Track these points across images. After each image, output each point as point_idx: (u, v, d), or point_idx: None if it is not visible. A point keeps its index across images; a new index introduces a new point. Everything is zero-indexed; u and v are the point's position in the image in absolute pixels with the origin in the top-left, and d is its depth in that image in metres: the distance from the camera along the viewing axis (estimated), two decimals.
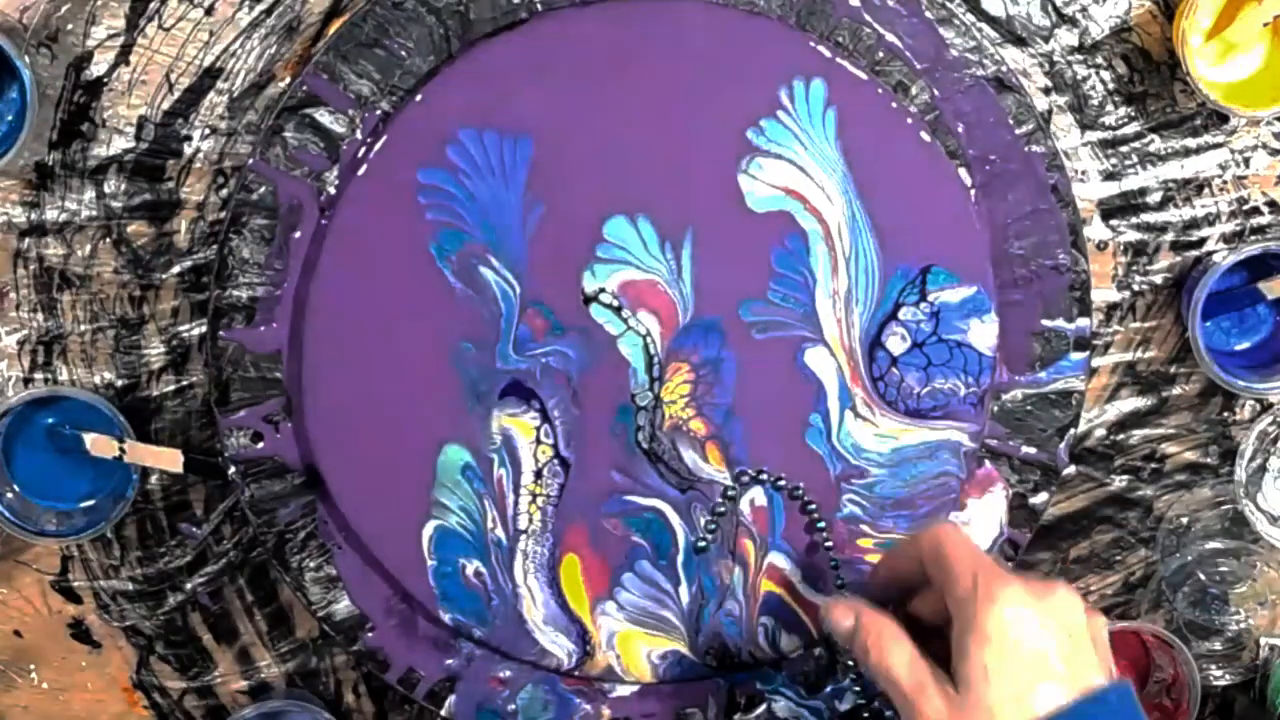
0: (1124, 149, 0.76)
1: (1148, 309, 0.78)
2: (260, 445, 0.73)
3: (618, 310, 0.72)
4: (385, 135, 0.71)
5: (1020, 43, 0.75)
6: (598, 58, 0.70)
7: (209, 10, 0.72)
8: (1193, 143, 0.76)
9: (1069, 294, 0.74)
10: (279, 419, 0.73)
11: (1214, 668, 0.80)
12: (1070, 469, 0.78)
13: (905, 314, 0.73)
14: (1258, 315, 0.78)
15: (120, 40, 0.72)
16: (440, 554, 0.73)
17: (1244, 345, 0.78)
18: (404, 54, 0.71)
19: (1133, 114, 0.76)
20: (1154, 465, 0.79)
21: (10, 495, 0.74)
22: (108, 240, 0.74)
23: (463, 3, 0.71)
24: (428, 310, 0.71)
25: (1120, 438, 0.79)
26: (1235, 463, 0.76)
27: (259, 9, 0.72)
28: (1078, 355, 0.75)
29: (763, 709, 0.76)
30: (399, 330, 0.71)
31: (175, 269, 0.74)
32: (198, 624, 0.78)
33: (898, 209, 0.72)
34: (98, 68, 0.72)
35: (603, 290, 0.72)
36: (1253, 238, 0.77)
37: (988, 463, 0.75)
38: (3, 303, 0.74)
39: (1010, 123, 0.73)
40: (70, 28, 0.72)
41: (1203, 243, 0.77)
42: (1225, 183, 0.77)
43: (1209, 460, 0.79)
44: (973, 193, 0.73)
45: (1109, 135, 0.76)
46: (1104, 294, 0.77)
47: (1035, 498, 0.76)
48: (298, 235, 0.71)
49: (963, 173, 0.73)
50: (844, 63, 0.71)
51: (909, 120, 0.72)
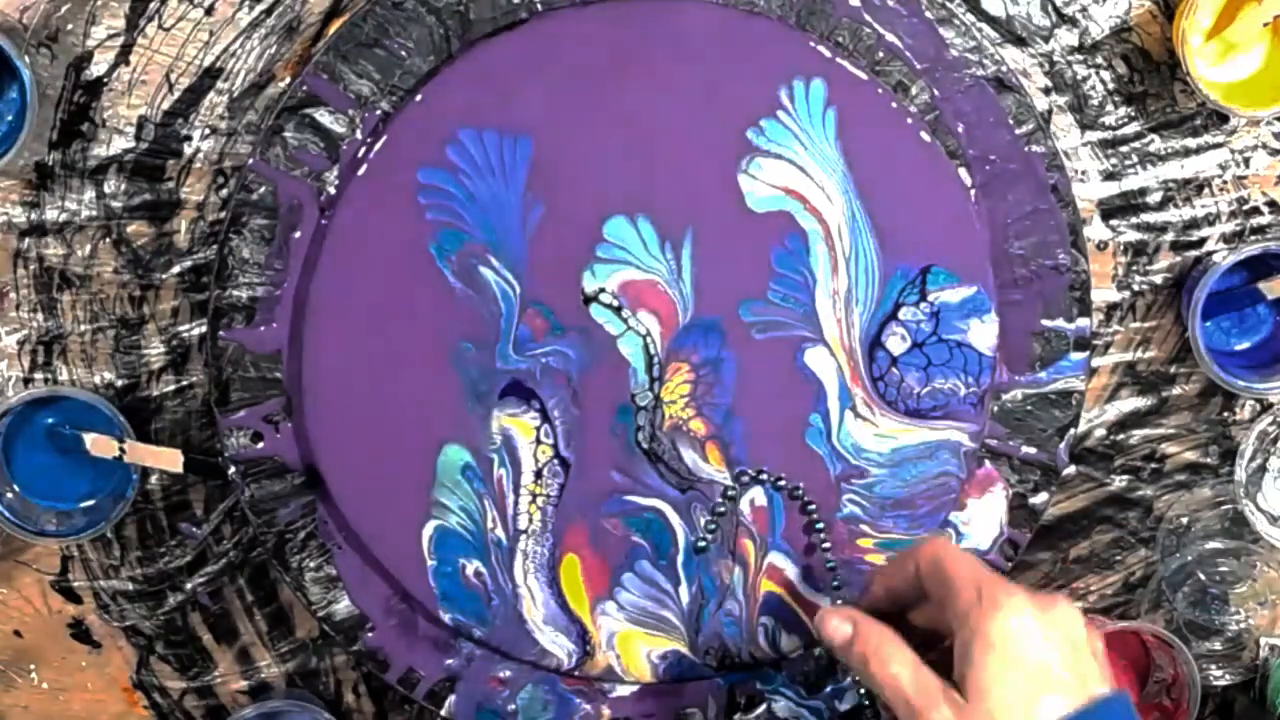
0: (1124, 149, 0.76)
1: (1148, 309, 0.78)
2: (260, 445, 0.73)
3: (618, 310, 0.72)
4: (385, 135, 0.71)
5: (1020, 43, 0.75)
6: (598, 58, 0.70)
7: (209, 10, 0.72)
8: (1193, 143, 0.76)
9: (1069, 294, 0.74)
10: (279, 419, 0.73)
11: (1214, 668, 0.80)
12: (1070, 469, 0.78)
13: (905, 314, 0.73)
14: (1258, 315, 0.78)
15: (120, 40, 0.72)
16: (440, 554, 0.73)
17: (1244, 345, 0.78)
18: (404, 54, 0.71)
19: (1133, 114, 0.76)
20: (1154, 465, 0.79)
21: (10, 495, 0.74)
22: (108, 240, 0.74)
23: (463, 3, 0.71)
24: (428, 310, 0.71)
25: (1120, 438, 0.79)
26: (1235, 463, 0.76)
27: (259, 9, 0.72)
28: (1078, 355, 0.75)
29: (763, 709, 0.76)
30: (399, 330, 0.71)
31: (175, 269, 0.74)
32: (198, 624, 0.78)
33: (898, 209, 0.72)
34: (98, 68, 0.72)
35: (603, 290, 0.72)
36: (1253, 238, 0.77)
37: (988, 463, 0.75)
38: (3, 303, 0.74)
39: (1010, 123, 0.73)
40: (70, 28, 0.72)
41: (1203, 243, 0.77)
42: (1225, 183, 0.77)
43: (1209, 460, 0.79)
44: (973, 193, 0.73)
45: (1109, 135, 0.76)
46: (1104, 294, 0.77)
47: (1035, 498, 0.76)
48: (298, 235, 0.71)
49: (963, 173, 0.73)
50: (844, 63, 0.71)
51: (909, 120, 0.72)
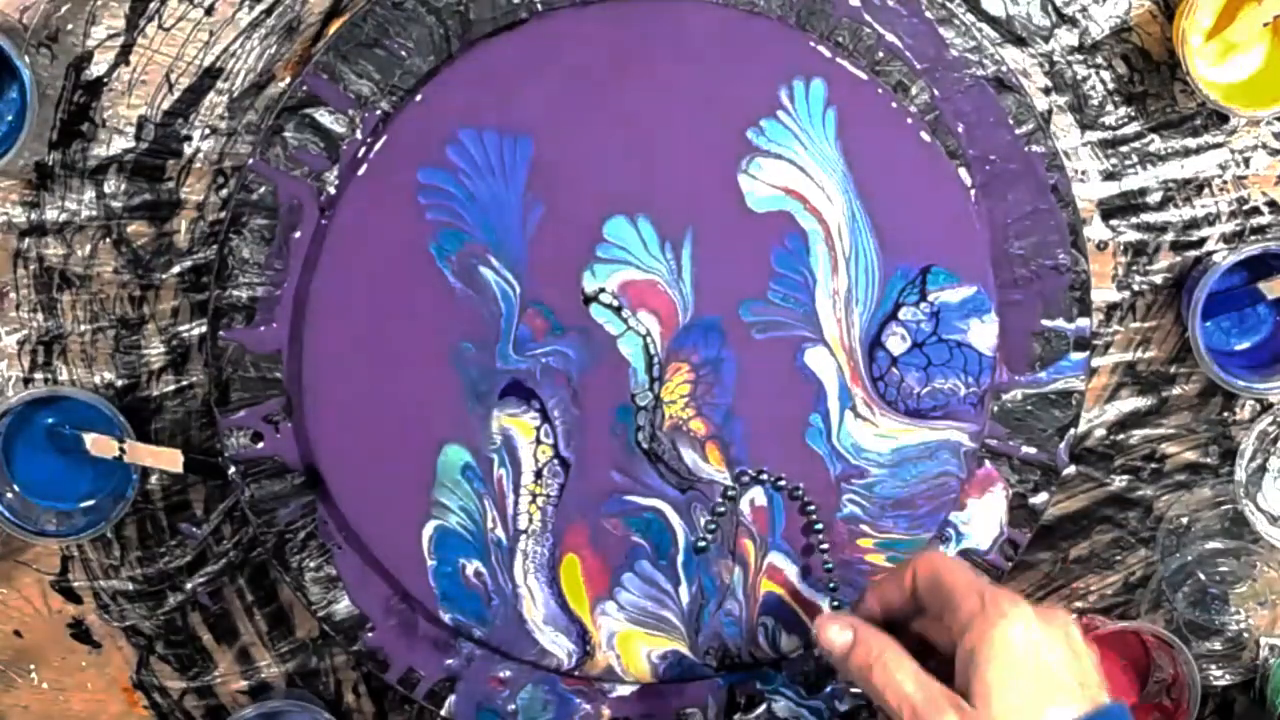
0: (1124, 149, 0.76)
1: (1148, 309, 0.78)
2: (260, 445, 0.73)
3: (618, 310, 0.72)
4: (385, 135, 0.71)
5: (1020, 43, 0.75)
6: (598, 58, 0.70)
7: (209, 10, 0.72)
8: (1193, 143, 0.76)
9: (1069, 294, 0.74)
10: (279, 419, 0.73)
11: (1214, 668, 0.80)
12: (1070, 469, 0.78)
13: (905, 314, 0.73)
14: (1258, 315, 0.78)
15: (120, 40, 0.72)
16: (440, 554, 0.73)
17: (1244, 345, 0.78)
18: (404, 54, 0.71)
19: (1133, 114, 0.76)
20: (1154, 465, 0.79)
21: (10, 495, 0.74)
22: (108, 240, 0.74)
23: (463, 3, 0.71)
24: (428, 310, 0.71)
25: (1120, 438, 0.79)
26: (1235, 463, 0.76)
27: (259, 9, 0.72)
28: (1078, 355, 0.75)
29: (763, 709, 0.76)
30: (399, 330, 0.71)
31: (175, 269, 0.74)
32: (198, 624, 0.78)
33: (898, 209, 0.72)
34: (98, 68, 0.72)
35: (603, 290, 0.72)
36: (1253, 238, 0.77)
37: (988, 463, 0.75)
38: (3, 303, 0.74)
39: (1010, 123, 0.73)
40: (70, 28, 0.72)
41: (1203, 243, 0.77)
42: (1225, 183, 0.77)
43: (1209, 460, 0.79)
44: (973, 193, 0.73)
45: (1109, 135, 0.76)
46: (1104, 294, 0.77)
47: (1035, 498, 0.76)
48: (298, 235, 0.71)
49: (963, 173, 0.73)
50: (844, 63, 0.71)
51: (909, 120, 0.72)
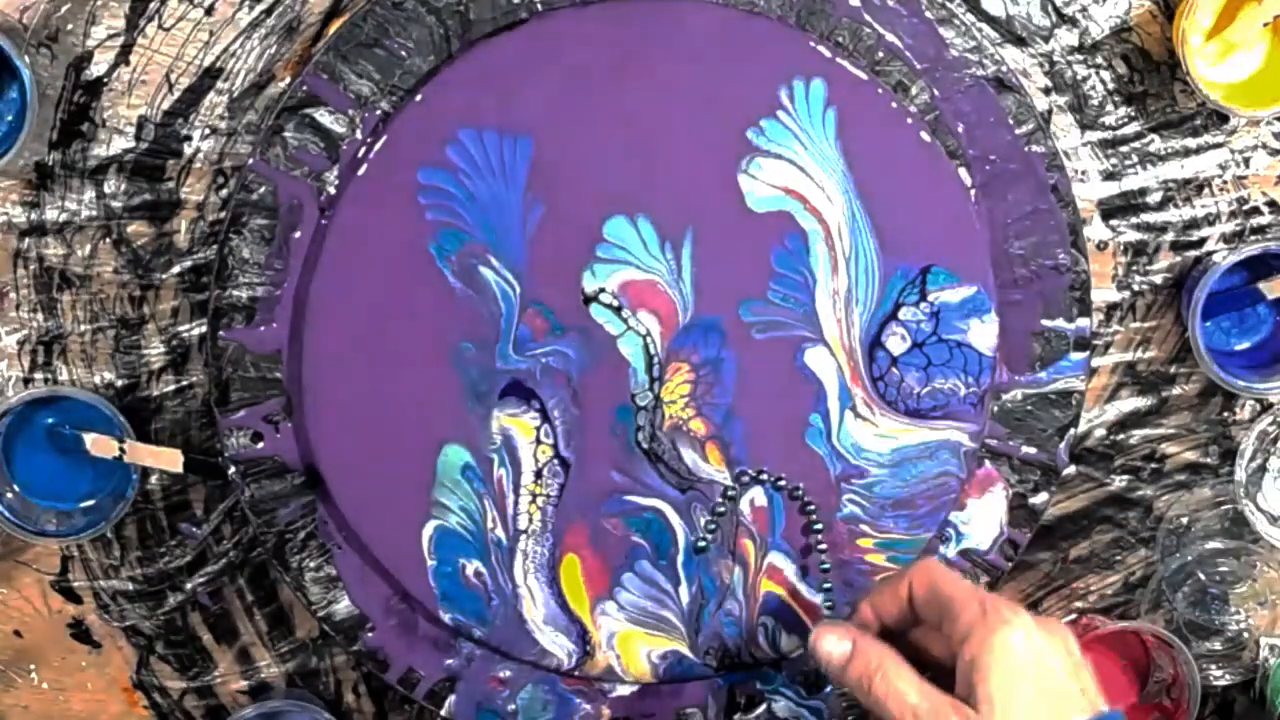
0: (1124, 149, 0.76)
1: (1148, 309, 0.78)
2: (260, 445, 0.73)
3: (618, 310, 0.72)
4: (385, 135, 0.71)
5: (1020, 43, 0.75)
6: (598, 58, 0.70)
7: (209, 10, 0.72)
8: (1193, 143, 0.76)
9: (1069, 294, 0.74)
10: (279, 419, 0.73)
11: (1214, 668, 0.80)
12: (1070, 469, 0.78)
13: (905, 314, 0.73)
14: (1258, 315, 0.78)
15: (120, 40, 0.72)
16: (440, 554, 0.73)
17: (1244, 345, 0.78)
18: (404, 54, 0.71)
19: (1133, 114, 0.76)
20: (1154, 465, 0.79)
21: (10, 495, 0.74)
22: (108, 240, 0.74)
23: (463, 3, 0.71)
24: (428, 310, 0.71)
25: (1120, 438, 0.79)
26: (1235, 463, 0.76)
27: (259, 9, 0.72)
28: (1078, 355, 0.75)
29: (763, 709, 0.76)
30: (399, 330, 0.71)
31: (175, 269, 0.74)
32: (198, 624, 0.78)
33: (898, 209, 0.72)
34: (98, 68, 0.72)
35: (603, 290, 0.72)
36: (1253, 238, 0.77)
37: (988, 463, 0.75)
38: (3, 303, 0.74)
39: (1010, 123, 0.73)
40: (70, 28, 0.72)
41: (1203, 243, 0.77)
42: (1225, 183, 0.77)
43: (1209, 460, 0.79)
44: (973, 193, 0.73)
45: (1109, 135, 0.76)
46: (1104, 294, 0.77)
47: (1035, 498, 0.76)
48: (298, 235, 0.71)
49: (963, 173, 0.73)
50: (844, 63, 0.71)
51: (909, 120, 0.72)
